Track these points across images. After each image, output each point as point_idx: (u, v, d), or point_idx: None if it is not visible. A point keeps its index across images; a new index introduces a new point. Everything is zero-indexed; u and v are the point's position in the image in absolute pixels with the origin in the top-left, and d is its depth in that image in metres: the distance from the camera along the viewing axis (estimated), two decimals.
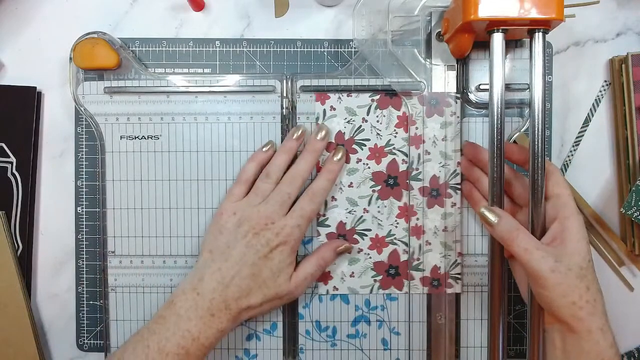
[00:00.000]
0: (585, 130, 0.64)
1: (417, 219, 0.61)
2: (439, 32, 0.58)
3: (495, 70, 0.52)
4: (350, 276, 0.62)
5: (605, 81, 0.63)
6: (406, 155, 0.61)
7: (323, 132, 0.59)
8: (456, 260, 0.61)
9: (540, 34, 0.51)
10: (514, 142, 0.61)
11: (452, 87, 0.59)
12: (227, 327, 0.55)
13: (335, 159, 0.60)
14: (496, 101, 0.52)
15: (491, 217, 0.52)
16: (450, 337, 0.61)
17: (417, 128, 0.60)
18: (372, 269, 0.62)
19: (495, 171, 0.52)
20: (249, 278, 0.55)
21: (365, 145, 0.62)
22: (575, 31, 0.64)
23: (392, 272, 0.62)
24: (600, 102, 0.63)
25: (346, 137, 0.62)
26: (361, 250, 0.62)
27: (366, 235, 0.62)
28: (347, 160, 0.61)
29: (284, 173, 0.59)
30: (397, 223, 0.61)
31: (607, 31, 0.64)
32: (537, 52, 0.51)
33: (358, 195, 0.62)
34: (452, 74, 0.59)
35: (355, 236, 0.62)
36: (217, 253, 0.56)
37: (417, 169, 0.61)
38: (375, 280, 0.62)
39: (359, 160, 0.62)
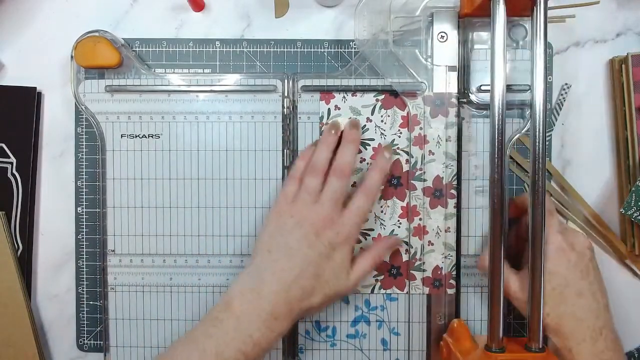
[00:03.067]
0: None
1: (420, 219, 0.61)
2: (440, 32, 0.59)
3: (496, 54, 0.52)
4: None
5: (566, 83, 0.64)
6: (410, 155, 0.61)
7: (355, 126, 0.60)
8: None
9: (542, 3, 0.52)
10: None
11: (453, 88, 0.59)
12: (287, 330, 0.53)
13: (386, 155, 0.59)
14: (497, 96, 0.52)
15: None
16: None
17: (421, 128, 0.60)
18: (374, 268, 0.62)
19: (496, 172, 0.52)
20: (312, 278, 0.53)
21: (370, 145, 0.61)
22: (575, 31, 0.64)
23: (394, 272, 0.62)
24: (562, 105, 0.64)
25: None
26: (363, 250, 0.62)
27: (369, 235, 0.62)
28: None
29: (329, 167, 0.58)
30: (400, 223, 0.61)
31: (607, 31, 0.64)
32: (538, 27, 0.52)
33: None
34: (453, 75, 0.59)
35: (358, 236, 0.62)
36: (277, 253, 0.55)
37: (420, 169, 0.61)
38: (376, 280, 0.62)
39: (363, 159, 0.62)
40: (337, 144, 0.59)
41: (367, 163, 0.61)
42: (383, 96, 0.61)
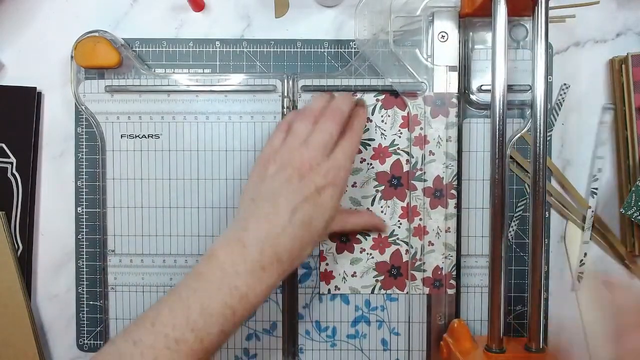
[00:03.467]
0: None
1: (420, 219, 0.61)
2: (441, 32, 0.59)
3: (497, 54, 0.52)
4: (352, 276, 0.62)
5: (565, 83, 0.64)
6: (410, 155, 0.61)
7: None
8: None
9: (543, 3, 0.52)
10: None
11: (453, 88, 0.59)
12: (276, 283, 0.49)
13: (359, 106, 0.57)
14: (498, 97, 0.52)
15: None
16: None
17: (421, 128, 0.60)
18: (374, 269, 0.62)
19: (496, 172, 0.52)
20: (300, 226, 0.49)
21: (370, 145, 0.61)
22: (575, 31, 0.64)
23: (394, 273, 0.62)
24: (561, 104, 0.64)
25: None
26: (363, 250, 0.62)
27: (369, 236, 0.62)
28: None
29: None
30: (400, 223, 0.61)
31: (607, 31, 0.64)
32: (539, 26, 0.52)
33: (361, 195, 0.62)
34: (454, 75, 0.59)
35: (358, 236, 0.62)
36: (261, 200, 0.50)
37: (421, 170, 0.61)
38: (377, 281, 0.62)
39: (363, 160, 0.61)
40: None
41: (368, 163, 0.61)
42: (383, 96, 0.61)
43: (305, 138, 0.52)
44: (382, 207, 0.62)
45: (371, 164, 0.61)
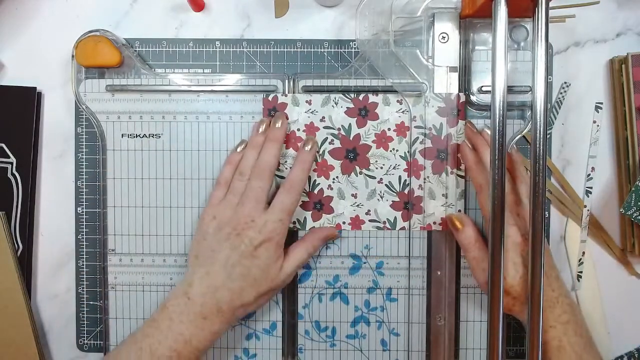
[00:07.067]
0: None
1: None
2: (441, 33, 0.59)
3: (497, 55, 0.52)
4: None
5: (565, 82, 0.64)
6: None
7: (280, 121, 0.59)
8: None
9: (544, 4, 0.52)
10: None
11: (454, 89, 0.59)
12: (221, 329, 0.55)
13: (306, 149, 0.60)
14: (498, 98, 0.52)
15: (457, 223, 0.58)
16: (450, 338, 0.61)
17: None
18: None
19: (496, 173, 0.52)
20: (239, 279, 0.55)
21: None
22: (575, 31, 0.64)
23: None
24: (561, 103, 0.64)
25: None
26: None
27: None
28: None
29: None
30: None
31: (607, 31, 0.64)
32: (540, 28, 0.52)
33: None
34: (454, 76, 0.59)
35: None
36: (203, 258, 0.56)
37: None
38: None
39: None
40: None
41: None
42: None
43: (241, 194, 0.57)
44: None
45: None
